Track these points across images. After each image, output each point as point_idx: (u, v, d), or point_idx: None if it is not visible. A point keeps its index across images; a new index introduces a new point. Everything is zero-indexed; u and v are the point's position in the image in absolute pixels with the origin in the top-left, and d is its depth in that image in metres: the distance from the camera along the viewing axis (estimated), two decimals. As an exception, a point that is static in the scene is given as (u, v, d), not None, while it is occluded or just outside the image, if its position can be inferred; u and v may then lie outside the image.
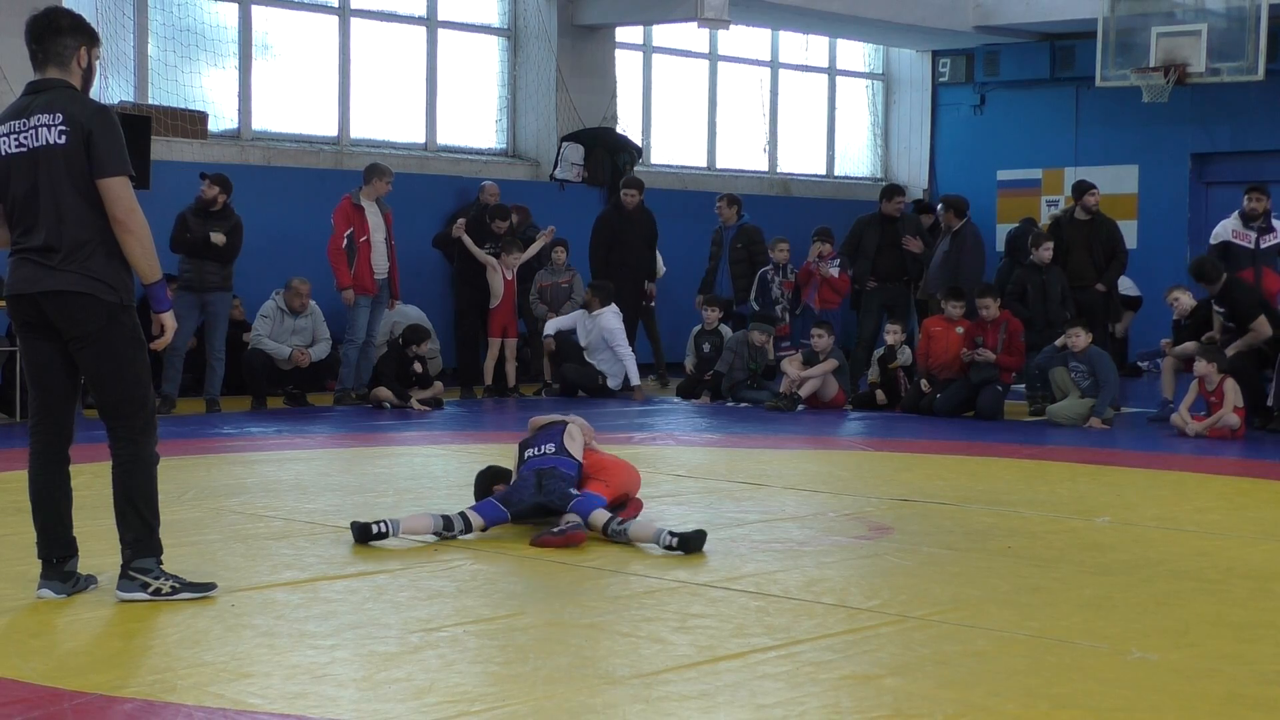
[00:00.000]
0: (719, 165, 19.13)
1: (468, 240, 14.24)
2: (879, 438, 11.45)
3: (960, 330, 13.06)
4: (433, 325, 14.88)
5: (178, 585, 5.49)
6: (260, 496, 7.98)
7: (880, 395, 13.55)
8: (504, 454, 10.10)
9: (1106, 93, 17.74)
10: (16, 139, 5.41)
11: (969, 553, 6.62)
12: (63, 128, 5.36)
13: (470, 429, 11.85)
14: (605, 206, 15.49)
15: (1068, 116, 19.50)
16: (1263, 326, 11.94)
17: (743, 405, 13.85)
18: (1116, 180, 18.63)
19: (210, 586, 5.58)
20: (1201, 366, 11.65)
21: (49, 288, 5.37)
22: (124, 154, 5.39)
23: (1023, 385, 14.66)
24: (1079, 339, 12.26)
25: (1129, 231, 17.17)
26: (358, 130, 15.74)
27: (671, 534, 6.52)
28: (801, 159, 20.17)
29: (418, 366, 13.34)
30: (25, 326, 5.52)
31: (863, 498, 8.17)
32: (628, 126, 17.73)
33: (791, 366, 13.61)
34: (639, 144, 17.56)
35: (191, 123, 14.17)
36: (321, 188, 14.53)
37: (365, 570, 6.09)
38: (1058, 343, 12.50)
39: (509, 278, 14.37)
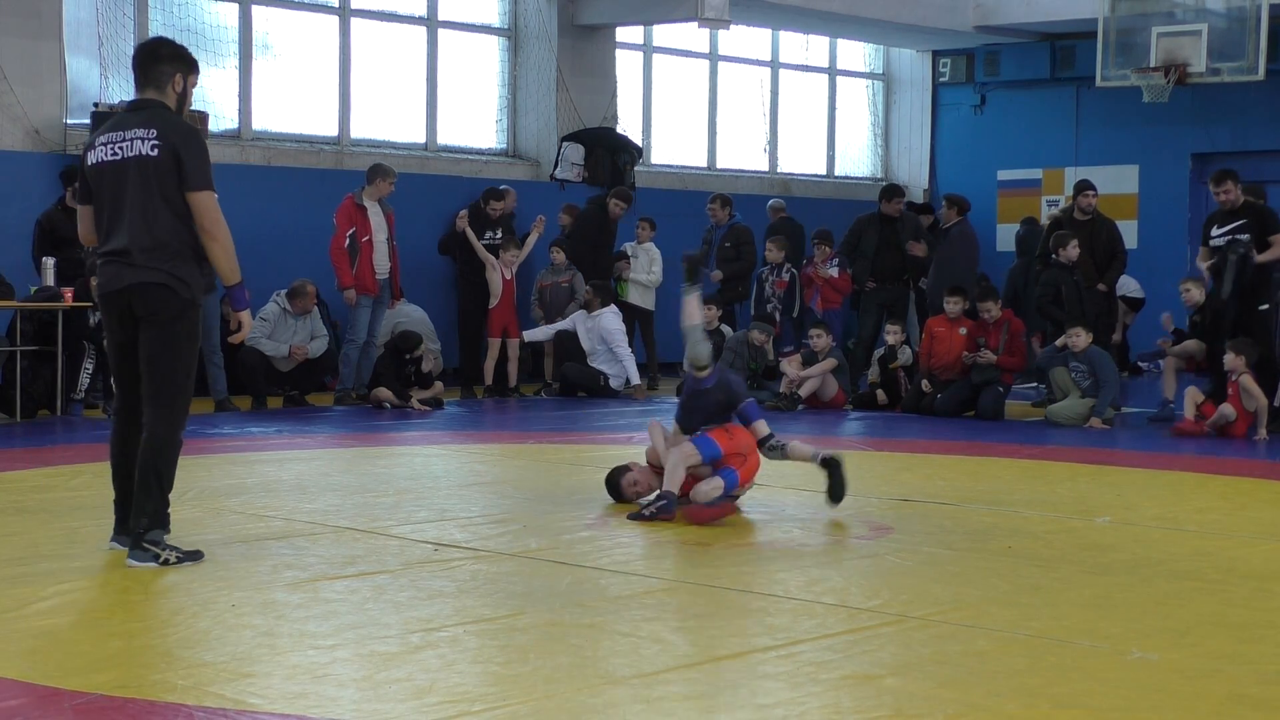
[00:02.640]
0: (719, 165, 19.14)
1: (470, 235, 14.24)
2: (879, 437, 11.44)
3: (963, 331, 13.07)
4: (434, 325, 14.89)
5: (180, 555, 6.05)
6: (260, 496, 7.98)
7: (881, 395, 13.55)
8: (504, 455, 10.15)
9: (1107, 93, 17.75)
10: (111, 149, 6.04)
11: (969, 553, 6.62)
12: (156, 142, 5.99)
13: (471, 429, 11.85)
14: (589, 204, 15.46)
15: (1068, 116, 19.51)
16: None
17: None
18: (1117, 180, 18.64)
19: (198, 554, 6.15)
20: (1230, 360, 11.57)
21: (133, 281, 6.00)
22: (209, 171, 6.04)
23: (1033, 385, 14.67)
24: (1079, 339, 12.25)
25: (1129, 231, 17.17)
26: (358, 130, 15.74)
27: (825, 458, 7.55)
28: (802, 159, 20.18)
29: (423, 365, 13.35)
30: (114, 323, 6.15)
31: (863, 498, 8.16)
32: (628, 126, 17.74)
33: (791, 366, 13.62)
34: (639, 144, 17.56)
35: (192, 122, 14.15)
36: (322, 188, 14.53)
37: (366, 570, 6.09)
38: (1058, 343, 12.50)
39: (508, 277, 14.37)
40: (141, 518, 6.03)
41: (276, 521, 7.20)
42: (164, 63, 6.19)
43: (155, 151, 5.99)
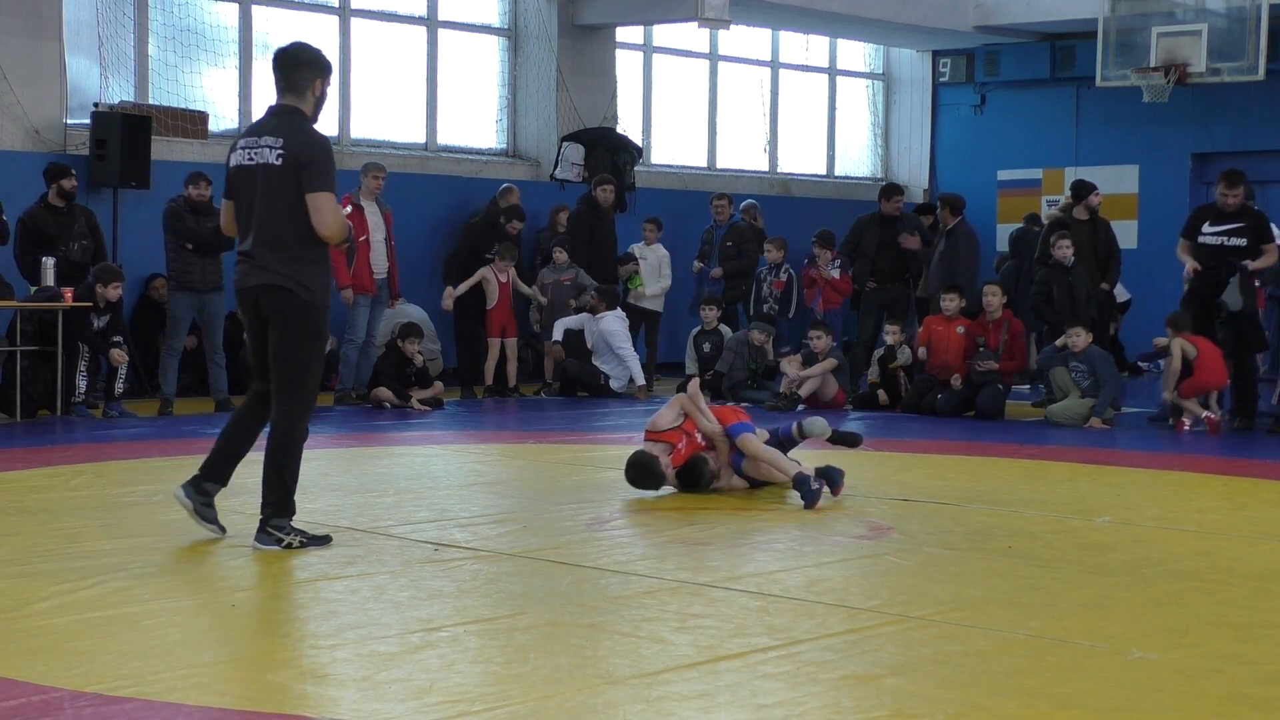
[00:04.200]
0: (719, 165, 19.14)
1: (459, 289, 14.18)
2: (879, 437, 11.44)
3: (961, 330, 13.06)
4: (433, 325, 14.89)
5: (304, 539, 6.43)
6: (260, 496, 7.96)
7: (881, 395, 13.55)
8: (505, 455, 10.15)
9: (1107, 93, 17.75)
10: (248, 153, 6.45)
11: (969, 553, 6.62)
12: (281, 152, 6.36)
13: (471, 429, 11.84)
14: (579, 203, 15.46)
15: (1068, 116, 19.51)
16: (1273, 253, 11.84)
17: (743, 405, 13.84)
18: (1117, 180, 18.64)
19: (327, 539, 6.51)
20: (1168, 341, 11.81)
21: (259, 282, 6.39)
22: (329, 177, 6.39)
23: (1027, 386, 14.66)
24: (1079, 339, 12.25)
25: (1129, 231, 17.20)
26: (358, 130, 15.75)
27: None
28: (802, 159, 20.18)
29: (417, 360, 13.32)
30: (248, 318, 6.55)
31: (863, 497, 8.16)
32: (628, 126, 17.74)
33: (791, 366, 13.62)
34: (639, 144, 17.55)
35: (192, 123, 14.17)
36: (322, 188, 14.50)
37: (366, 571, 6.09)
38: (1058, 342, 12.50)
39: (504, 280, 14.37)
40: (265, 507, 6.45)
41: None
42: (304, 68, 6.51)
43: (279, 161, 6.36)
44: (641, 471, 8.00)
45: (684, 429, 8.09)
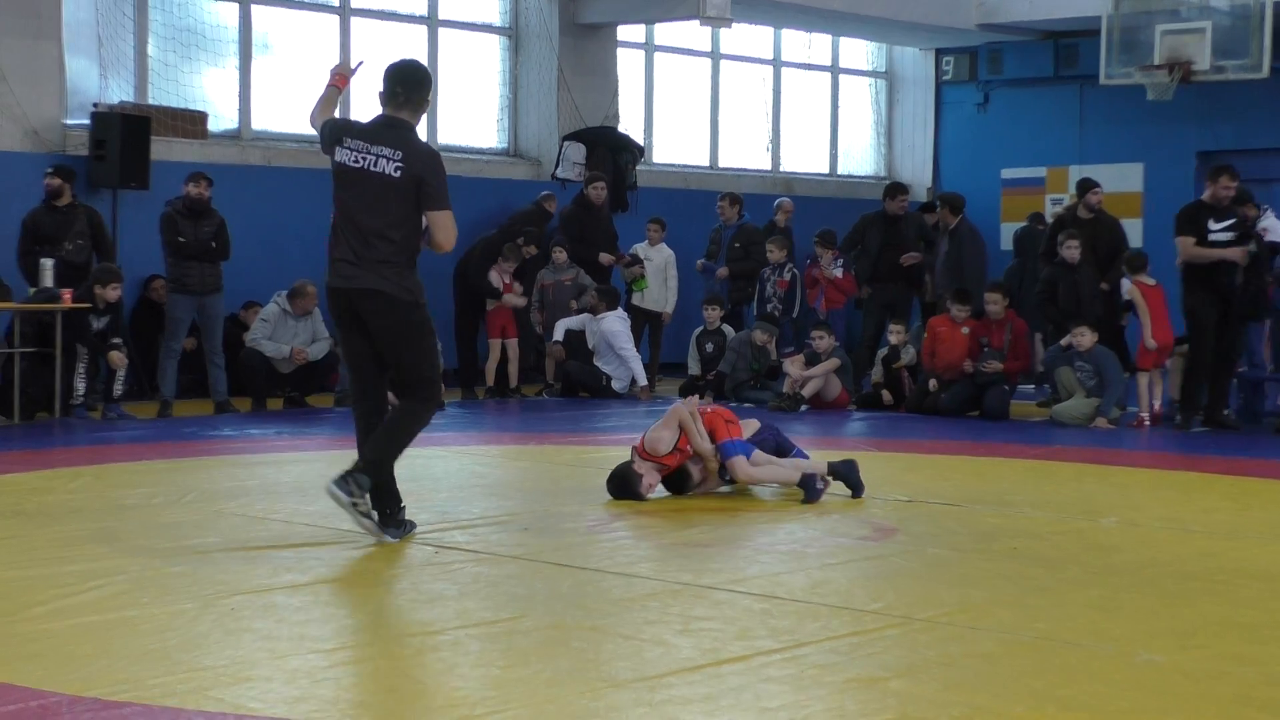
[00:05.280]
0: (722, 164, 19.12)
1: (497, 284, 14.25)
2: (883, 438, 11.43)
3: (966, 331, 13.04)
4: (434, 325, 14.87)
5: (365, 511, 6.62)
6: (261, 499, 7.97)
7: (885, 395, 13.53)
8: (506, 456, 10.14)
9: (1111, 90, 17.71)
10: (355, 155, 6.69)
11: (974, 554, 6.61)
12: (400, 165, 6.61)
13: (471, 430, 11.83)
14: (570, 205, 15.46)
15: (1072, 114, 19.48)
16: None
17: (746, 405, 13.82)
18: (1121, 178, 18.60)
19: (408, 527, 6.77)
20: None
21: (358, 286, 6.63)
22: (447, 192, 6.71)
23: (1032, 386, 14.64)
24: (1084, 338, 12.23)
25: (1134, 230, 17.12)
26: (309, 120, 15.69)
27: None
28: (805, 157, 20.16)
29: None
30: (341, 319, 6.79)
31: (867, 498, 8.15)
32: (630, 125, 17.72)
33: (794, 366, 13.61)
34: (641, 143, 17.54)
35: (191, 123, 14.16)
36: (322, 188, 14.33)
37: (367, 574, 6.07)
38: (1062, 342, 12.47)
39: (507, 280, 14.36)
40: (361, 459, 6.66)
41: (276, 524, 7.19)
42: (424, 88, 6.76)
43: (398, 174, 6.60)
44: (621, 485, 8.01)
45: (679, 447, 8.06)
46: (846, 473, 8.23)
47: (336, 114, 7.19)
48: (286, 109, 15.17)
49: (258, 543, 6.71)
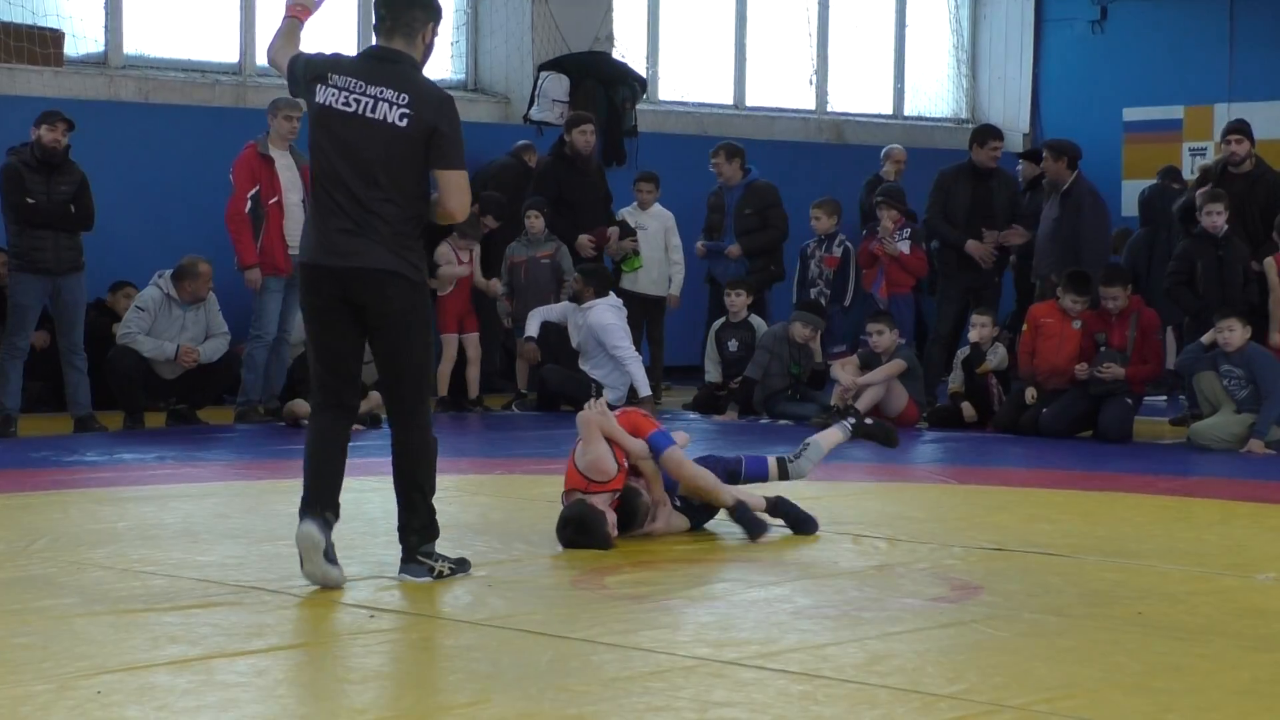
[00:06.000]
0: (750, 103, 19.16)
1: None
2: (964, 465, 11.43)
3: (1078, 325, 13.04)
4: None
5: (451, 566, 7.14)
6: (136, 546, 7.97)
7: (967, 409, 13.56)
8: (463, 489, 10.14)
9: (1274, 2, 17.75)
10: (347, 96, 6.92)
11: (1085, 621, 6.62)
12: (407, 113, 6.86)
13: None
14: (547, 156, 15.47)
15: (1220, 34, 19.51)
16: None
17: (782, 422, 13.85)
18: (1284, 121, 18.62)
19: (466, 564, 7.25)
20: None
21: (361, 265, 6.89)
22: (462, 145, 6.98)
23: (1164, 398, 14.64)
24: (1233, 334, 12.23)
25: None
26: (266, 56, 15.74)
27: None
28: (860, 95, 20.20)
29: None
30: (324, 303, 7.02)
31: (942, 546, 8.16)
32: (628, 51, 17.75)
33: (845, 371, 13.61)
34: (643, 75, 17.56)
35: (42, 44, 14.19)
36: (217, 132, 14.55)
37: (277, 644, 6.08)
38: (1204, 339, 12.49)
39: (464, 259, 14.39)
40: (410, 535, 7.09)
41: (157, 579, 7.19)
42: (417, 8, 7.02)
43: (406, 124, 6.86)
44: (581, 529, 8.00)
45: (618, 460, 8.14)
46: (785, 509, 8.42)
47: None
48: (170, 27, 15.19)
49: (132, 604, 6.69)
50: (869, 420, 9.02)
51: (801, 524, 8.39)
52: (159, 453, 11.53)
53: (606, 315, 14.38)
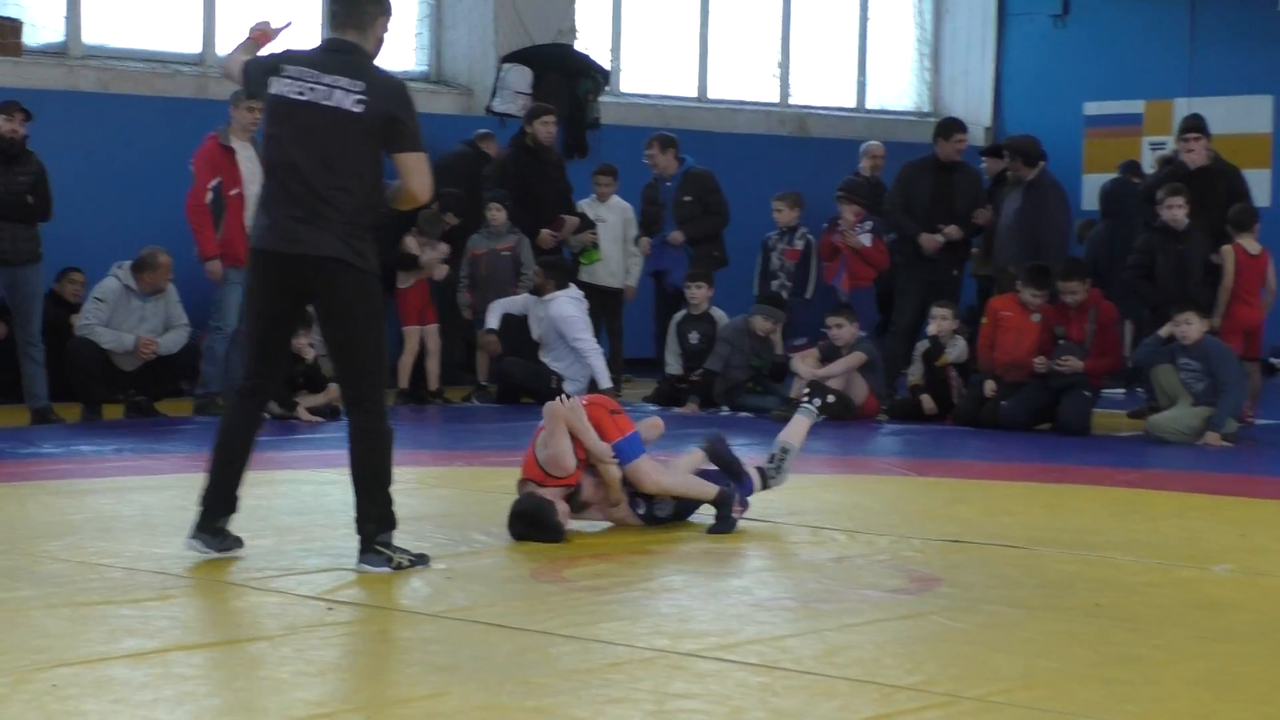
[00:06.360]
0: (713, 95, 19.15)
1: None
2: (923, 458, 11.46)
3: (1037, 318, 13.07)
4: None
5: (410, 559, 7.15)
6: (94, 538, 7.95)
7: (927, 401, 13.58)
8: (422, 482, 10.12)
9: (1231, -1, 17.82)
10: (301, 86, 7.01)
11: (1043, 612, 6.64)
12: (363, 99, 6.96)
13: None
14: (507, 147, 15.44)
15: (1179, 31, 19.56)
16: None
17: (742, 415, 13.86)
18: (1243, 115, 18.70)
19: (425, 558, 7.23)
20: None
21: (309, 252, 6.96)
22: (419, 130, 7.08)
23: (1122, 391, 14.70)
24: (1191, 327, 12.27)
25: (1261, 183, 17.23)
26: (228, 46, 15.69)
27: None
28: (824, 88, 20.21)
29: (306, 356, 13.26)
30: (272, 289, 7.11)
31: (901, 538, 8.18)
32: (591, 44, 17.73)
33: (805, 364, 13.62)
34: (605, 67, 17.55)
35: (1, 34, 14.12)
36: (179, 123, 14.49)
37: (235, 637, 6.07)
38: (1162, 332, 12.52)
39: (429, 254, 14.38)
40: (368, 523, 7.13)
41: (115, 572, 7.18)
42: (370, 2, 7.16)
43: (362, 109, 6.96)
44: (534, 523, 7.99)
45: (581, 460, 8.13)
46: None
47: None
48: (131, 16, 15.14)
49: (89, 597, 6.67)
50: (831, 398, 8.98)
51: (721, 523, 8.30)
52: (117, 445, 11.50)
53: (567, 307, 14.39)
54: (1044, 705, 5.28)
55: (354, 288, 7.03)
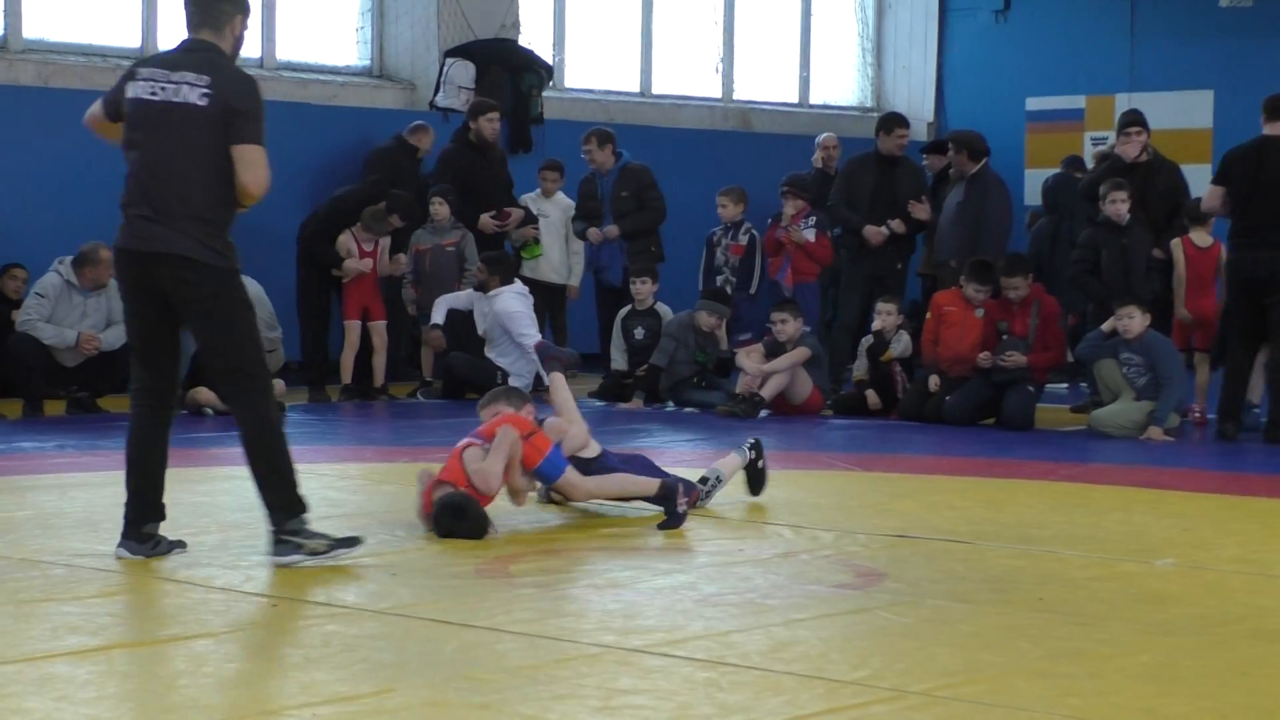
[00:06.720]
0: (656, 90, 19.15)
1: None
2: (868, 452, 11.48)
3: (981, 313, 13.10)
4: (272, 305, 14.81)
5: (330, 543, 7.09)
6: (35, 535, 7.92)
7: (871, 396, 13.61)
8: (368, 477, 10.11)
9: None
10: (153, 87, 7.06)
11: (987, 606, 6.66)
12: (207, 92, 6.98)
13: (321, 442, 11.79)
14: (450, 143, 15.42)
15: (1121, 26, 19.65)
16: None
17: (688, 410, 13.87)
18: (1184, 111, 18.80)
19: (355, 541, 7.20)
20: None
21: (161, 250, 6.98)
22: (263, 125, 7.06)
23: (1064, 385, 14.76)
24: (1133, 321, 12.33)
25: (1201, 178, 17.29)
26: (169, 39, 15.63)
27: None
28: (766, 83, 20.23)
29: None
30: (134, 291, 7.16)
31: (846, 533, 8.19)
32: (534, 39, 17.72)
33: (750, 359, 13.63)
34: (549, 62, 17.54)
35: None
36: (120, 118, 14.40)
37: (180, 634, 6.04)
38: (1105, 327, 12.58)
39: (369, 250, 14.32)
40: (273, 512, 7.12)
41: (57, 569, 7.15)
42: (225, 1, 7.18)
43: (206, 102, 6.99)
44: (458, 515, 7.99)
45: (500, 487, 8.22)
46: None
47: None
48: (69, 11, 15.06)
49: (31, 594, 6.64)
50: (760, 464, 9.03)
51: (670, 518, 8.31)
52: (59, 441, 11.45)
53: (512, 303, 14.38)
54: (988, 699, 5.30)
55: (208, 284, 7.06)
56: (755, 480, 9.07)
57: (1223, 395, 12.17)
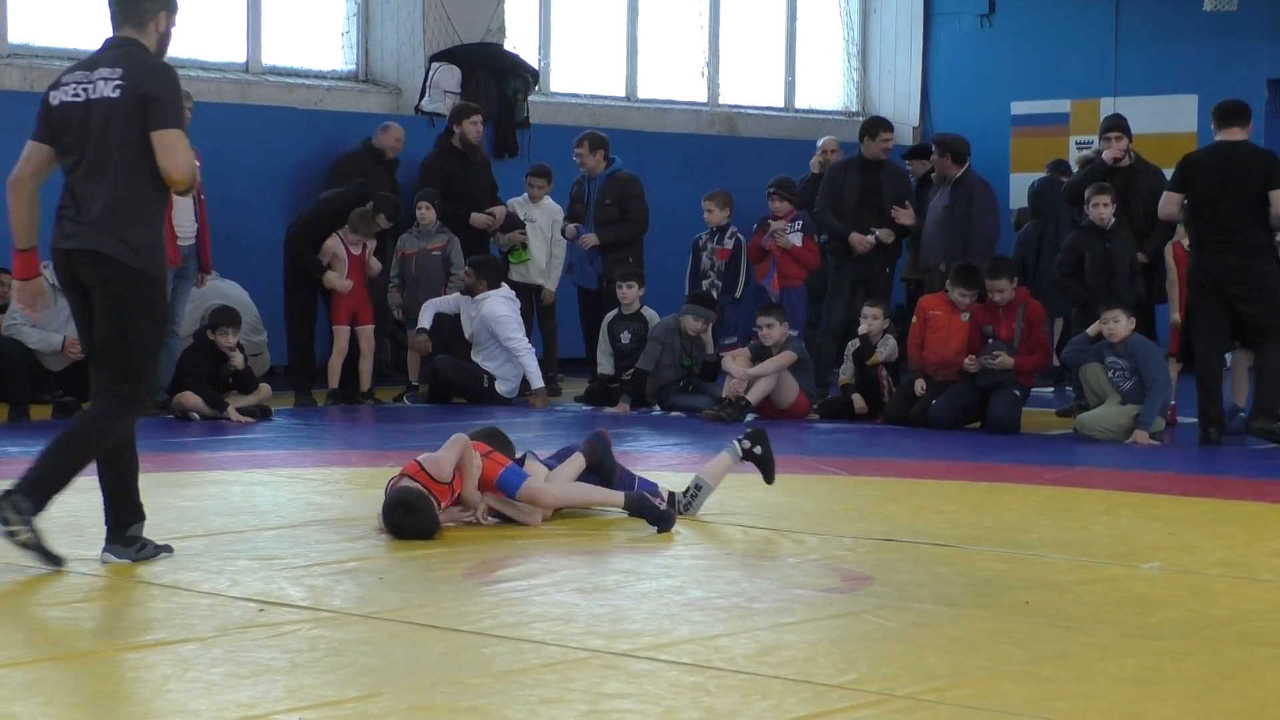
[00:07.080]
0: (642, 95, 19.15)
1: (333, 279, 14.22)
2: (854, 457, 11.49)
3: (966, 317, 13.12)
4: (257, 310, 14.81)
5: (37, 548, 6.96)
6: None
7: (858, 401, 13.62)
8: (354, 482, 10.10)
9: None
10: (76, 89, 7.11)
11: (973, 610, 6.67)
12: (120, 83, 6.99)
13: (308, 447, 11.78)
14: (434, 148, 15.41)
15: (1105, 31, 19.68)
16: None
17: (674, 414, 13.87)
18: (1168, 115, 18.82)
19: (141, 549, 7.22)
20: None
21: (77, 245, 7.06)
22: (180, 111, 7.06)
23: (1050, 389, 14.77)
24: (1118, 325, 12.35)
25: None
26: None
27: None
28: (752, 87, 20.24)
29: (236, 358, 13.22)
30: (69, 291, 7.22)
31: (833, 537, 8.19)
32: (520, 43, 17.72)
33: (736, 363, 13.64)
34: (535, 66, 17.53)
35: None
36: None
37: (166, 639, 6.03)
38: (1090, 330, 12.60)
39: (356, 253, 14.31)
40: (25, 477, 7.18)
41: (42, 573, 7.12)
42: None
43: (118, 93, 7.00)
44: (410, 510, 7.99)
45: (454, 487, 8.18)
46: (643, 507, 8.40)
47: None
48: (56, 16, 15.04)
49: (16, 599, 6.66)
50: (758, 450, 8.90)
51: (660, 520, 8.33)
52: (44, 446, 11.40)
53: (499, 306, 14.38)
54: (975, 703, 5.30)
55: (120, 282, 7.06)
56: (763, 467, 8.94)
57: (1200, 402, 12.11)
